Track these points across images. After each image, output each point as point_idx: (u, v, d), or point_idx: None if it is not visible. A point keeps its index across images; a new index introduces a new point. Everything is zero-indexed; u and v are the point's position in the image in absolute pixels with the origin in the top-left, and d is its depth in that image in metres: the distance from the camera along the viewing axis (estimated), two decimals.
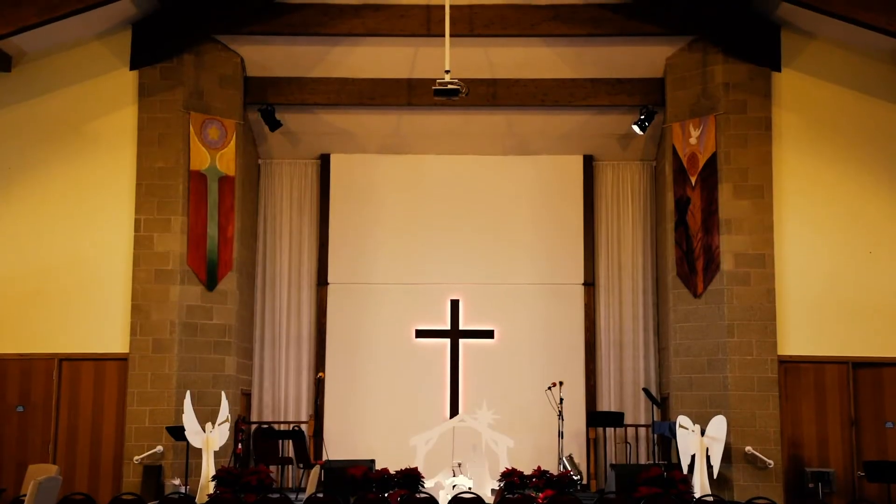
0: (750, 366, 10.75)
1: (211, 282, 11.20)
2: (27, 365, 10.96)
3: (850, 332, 10.78)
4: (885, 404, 10.79)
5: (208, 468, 9.41)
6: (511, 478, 9.14)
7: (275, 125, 11.87)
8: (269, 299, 12.55)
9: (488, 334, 12.46)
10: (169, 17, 11.05)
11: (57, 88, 11.15)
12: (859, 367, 10.81)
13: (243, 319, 11.81)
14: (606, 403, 12.33)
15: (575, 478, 9.41)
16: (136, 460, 10.66)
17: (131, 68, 11.14)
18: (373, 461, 9.75)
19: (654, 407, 11.56)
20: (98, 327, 10.94)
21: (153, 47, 11.12)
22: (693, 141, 11.28)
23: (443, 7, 10.57)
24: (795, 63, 11.03)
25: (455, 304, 12.51)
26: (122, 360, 10.91)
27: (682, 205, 11.35)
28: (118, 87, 11.15)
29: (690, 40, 11.34)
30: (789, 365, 10.85)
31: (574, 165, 12.69)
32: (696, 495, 9.18)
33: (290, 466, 11.90)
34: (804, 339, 10.83)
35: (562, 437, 11.00)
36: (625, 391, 12.35)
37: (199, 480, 9.48)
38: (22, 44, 10.78)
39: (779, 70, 11.02)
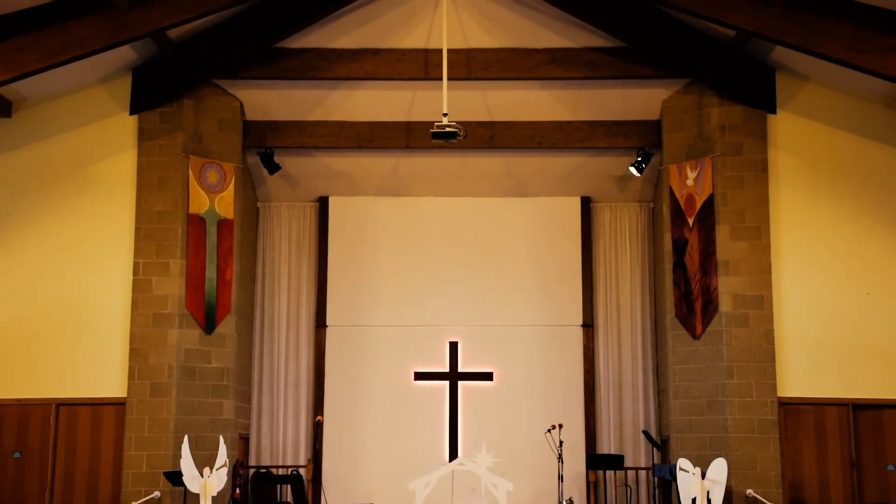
0: (750, 408, 10.71)
1: (209, 325, 11.19)
2: (24, 410, 10.90)
3: (850, 373, 10.74)
4: (886, 446, 10.73)
5: None
6: None
7: (273, 168, 11.93)
8: (267, 342, 12.53)
9: (487, 376, 12.43)
10: (169, 63, 11.14)
11: (57, 133, 11.21)
12: (859, 409, 10.76)
13: (242, 363, 11.78)
14: (606, 446, 12.27)
15: None
16: None
17: (131, 113, 11.21)
18: None
19: (654, 449, 11.50)
20: (96, 371, 10.90)
21: (153, 92, 11.20)
22: (690, 182, 11.33)
23: (441, 51, 10.68)
24: (791, 105, 11.11)
25: (454, 347, 12.49)
26: (119, 404, 10.85)
27: (679, 246, 11.37)
28: (118, 131, 11.22)
29: (686, 83, 11.42)
30: (789, 407, 10.81)
31: (572, 207, 12.73)
32: None
33: None
34: (804, 381, 10.79)
35: (562, 481, 10.91)
36: (624, 433, 12.29)
37: None
38: (23, 89, 10.87)
39: (774, 112, 11.10)
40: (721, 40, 10.93)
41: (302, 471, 11.93)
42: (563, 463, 10.82)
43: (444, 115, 10.35)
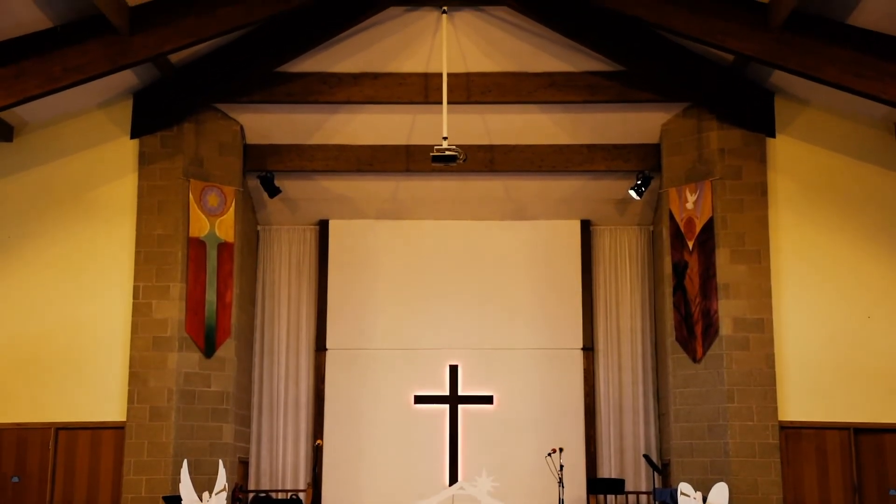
0: (751, 431, 10.68)
1: (209, 349, 11.18)
2: (23, 434, 10.87)
3: (851, 397, 10.72)
4: (887, 471, 10.69)
5: None
6: None
7: (274, 192, 11.95)
8: (267, 365, 12.51)
9: (487, 400, 12.41)
10: (169, 87, 11.18)
11: (58, 157, 11.24)
12: (861, 433, 10.73)
13: (241, 386, 11.76)
14: (607, 470, 12.23)
15: None
16: None
17: (132, 137, 11.24)
18: None
19: (655, 473, 11.46)
20: (95, 395, 10.88)
21: (154, 116, 11.23)
22: (689, 206, 11.35)
23: (440, 75, 10.74)
24: (790, 129, 11.14)
25: (454, 370, 12.47)
26: (118, 428, 10.82)
27: (679, 269, 11.38)
28: (119, 155, 11.24)
29: (685, 107, 11.46)
30: (790, 431, 10.78)
31: (572, 230, 12.74)
32: None
33: None
34: (805, 405, 10.77)
35: None
36: (625, 457, 12.25)
37: None
38: (24, 114, 10.90)
39: (773, 136, 11.13)
40: (720, 64, 10.97)
41: (301, 495, 11.86)
42: (563, 487, 10.78)
43: (444, 138, 10.40)
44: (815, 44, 9.64)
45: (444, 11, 10.73)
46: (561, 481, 10.87)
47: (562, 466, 10.77)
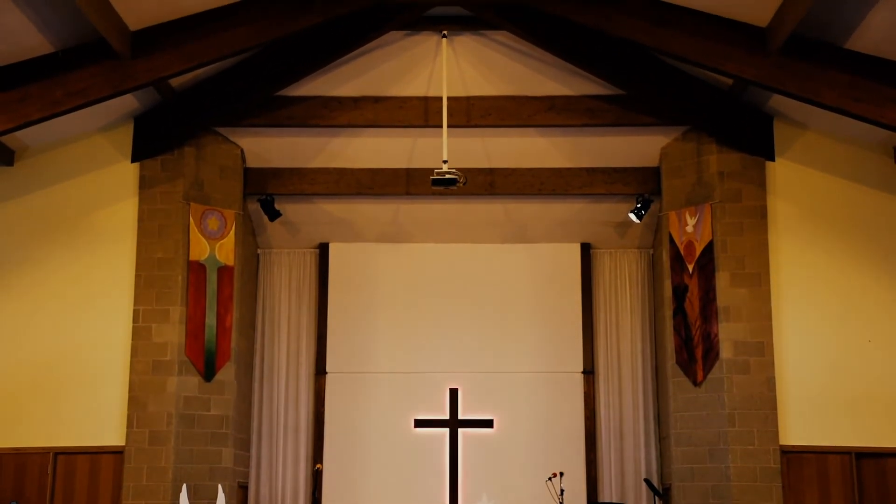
0: (752, 456, 10.64)
1: (209, 372, 11.16)
2: (21, 459, 10.82)
3: (853, 421, 10.69)
4: (890, 495, 10.63)
5: None
6: None
7: (274, 215, 11.96)
8: (266, 389, 12.48)
9: (487, 423, 12.37)
10: (170, 111, 11.22)
11: (59, 182, 11.25)
12: (863, 458, 10.67)
13: (241, 410, 11.73)
14: (608, 494, 12.17)
15: None
16: None
17: (133, 160, 11.26)
18: None
19: (656, 498, 11.42)
20: (94, 420, 10.84)
21: (155, 140, 11.26)
22: (689, 229, 11.36)
23: (441, 99, 10.77)
24: (789, 153, 11.16)
25: (454, 393, 12.44)
26: (117, 452, 10.77)
27: (679, 292, 11.37)
28: (119, 179, 11.25)
29: (685, 130, 11.49)
30: (792, 455, 10.73)
31: (572, 253, 12.74)
32: None
33: None
34: (806, 429, 10.73)
35: None
36: (626, 481, 12.20)
37: None
38: (25, 138, 10.93)
39: (772, 159, 11.15)
40: (719, 88, 11.01)
41: None
42: None
43: (445, 161, 10.42)
44: (813, 68, 9.67)
45: (445, 36, 10.78)
46: None
47: (562, 491, 10.73)
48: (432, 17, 10.67)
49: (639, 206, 11.81)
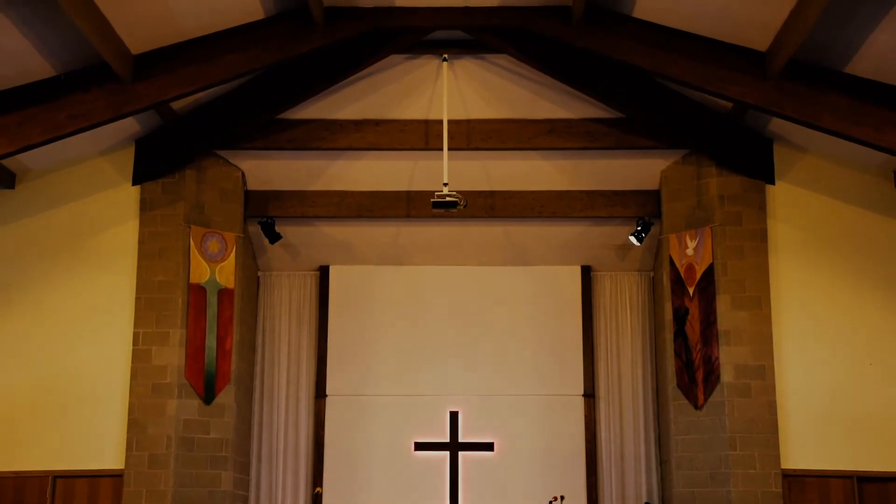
0: (754, 480, 10.60)
1: (209, 395, 11.13)
2: (20, 482, 10.77)
3: (855, 445, 10.65)
4: None
5: None
6: None
7: (275, 238, 11.97)
8: (266, 412, 12.45)
9: (488, 447, 12.32)
10: (171, 134, 11.25)
11: (60, 205, 11.27)
12: (865, 482, 10.63)
13: (241, 433, 11.68)
14: None
15: None
16: None
17: (134, 183, 11.28)
18: None
19: None
20: (94, 443, 10.80)
21: (156, 163, 11.29)
22: (690, 252, 11.36)
23: (441, 122, 10.80)
24: (789, 176, 11.19)
25: (454, 416, 12.41)
26: (117, 476, 10.73)
27: (680, 315, 11.36)
28: (120, 202, 11.27)
29: (685, 153, 11.52)
30: (793, 479, 10.69)
31: (572, 276, 12.73)
32: None
33: None
34: (808, 453, 10.70)
35: None
36: None
37: None
38: (26, 161, 10.95)
39: (772, 183, 11.17)
40: (719, 112, 11.04)
41: None
42: None
43: (445, 184, 10.44)
44: (812, 92, 9.70)
45: (445, 59, 10.82)
46: None
47: None
48: (433, 41, 10.71)
49: (639, 228, 11.82)
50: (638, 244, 11.92)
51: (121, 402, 10.90)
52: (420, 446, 12.35)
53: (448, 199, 10.29)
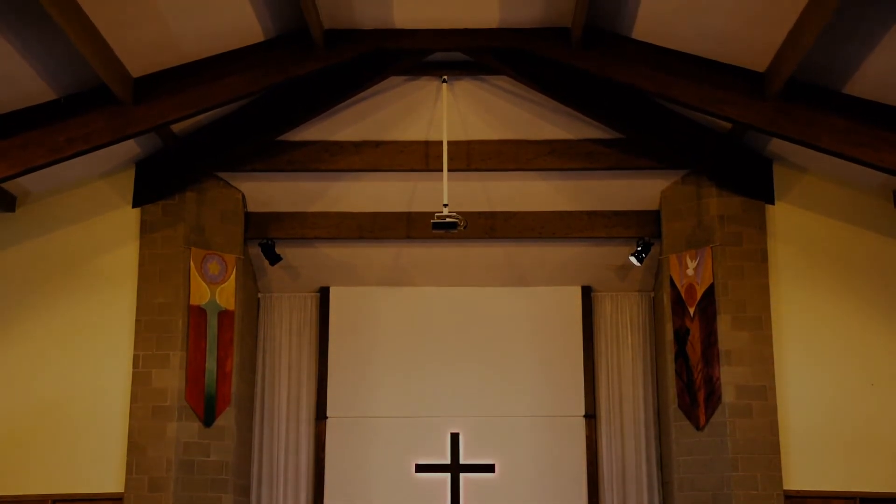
0: (756, 501, 10.54)
1: (209, 418, 11.10)
2: None
3: (857, 465, 10.61)
4: None
5: None
6: None
7: (275, 259, 11.96)
8: (267, 434, 12.41)
9: (489, 468, 12.28)
10: (172, 156, 11.26)
11: (60, 227, 11.27)
12: (867, 503, 10.57)
13: (241, 456, 11.65)
14: None
15: None
16: None
17: (134, 206, 11.29)
18: None
19: None
20: (93, 466, 10.76)
21: (156, 185, 11.30)
22: (690, 272, 11.35)
23: (441, 143, 10.82)
24: (789, 196, 11.19)
25: (455, 438, 12.36)
26: (117, 499, 10.67)
27: (681, 336, 11.35)
28: (120, 224, 11.28)
29: (684, 174, 11.52)
30: (796, 500, 10.63)
31: (573, 296, 12.72)
32: None
33: None
34: (810, 473, 10.65)
35: None
36: None
37: None
38: (27, 184, 10.96)
39: (772, 203, 11.18)
40: (718, 132, 11.06)
41: None
42: None
43: (445, 205, 10.45)
44: (812, 112, 9.70)
45: (445, 80, 10.84)
46: None
47: None
48: (432, 63, 10.73)
49: (639, 249, 11.81)
50: (638, 264, 11.92)
51: (121, 425, 10.87)
52: (421, 468, 12.30)
53: (448, 220, 10.30)
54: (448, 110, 10.85)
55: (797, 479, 10.65)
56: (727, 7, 9.00)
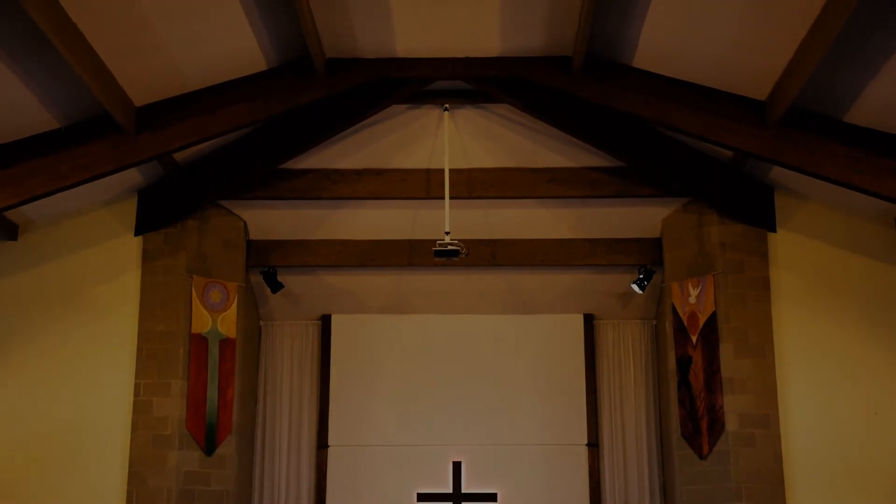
0: None
1: (210, 446, 11.05)
2: None
3: (861, 495, 10.53)
4: None
5: None
6: None
7: (276, 287, 11.96)
8: (268, 463, 12.34)
9: (491, 497, 12.20)
10: (174, 184, 11.29)
11: (62, 256, 11.26)
12: None
13: (242, 484, 11.59)
14: None
15: None
16: None
17: (136, 234, 11.30)
18: None
19: None
20: (93, 495, 10.68)
21: (158, 213, 11.31)
22: (692, 300, 11.33)
23: (443, 171, 10.83)
24: (790, 224, 11.19)
25: (457, 467, 12.30)
26: None
27: (683, 364, 11.31)
28: (122, 253, 11.28)
29: (686, 202, 11.53)
30: None
31: (575, 324, 12.69)
32: None
33: None
34: (814, 502, 10.59)
35: None
36: None
37: None
38: (29, 212, 10.98)
39: (774, 231, 11.17)
40: (720, 160, 11.07)
41: None
42: None
43: (447, 233, 10.45)
44: (813, 140, 9.72)
45: (446, 109, 10.88)
46: None
47: None
48: (434, 91, 10.77)
49: (641, 276, 11.80)
50: (640, 292, 11.90)
51: (121, 454, 10.81)
52: (423, 497, 12.22)
53: (450, 247, 10.29)
54: (450, 138, 10.89)
55: None
56: (727, 36, 9.04)
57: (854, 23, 7.92)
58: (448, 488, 12.26)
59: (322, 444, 12.43)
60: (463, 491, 12.24)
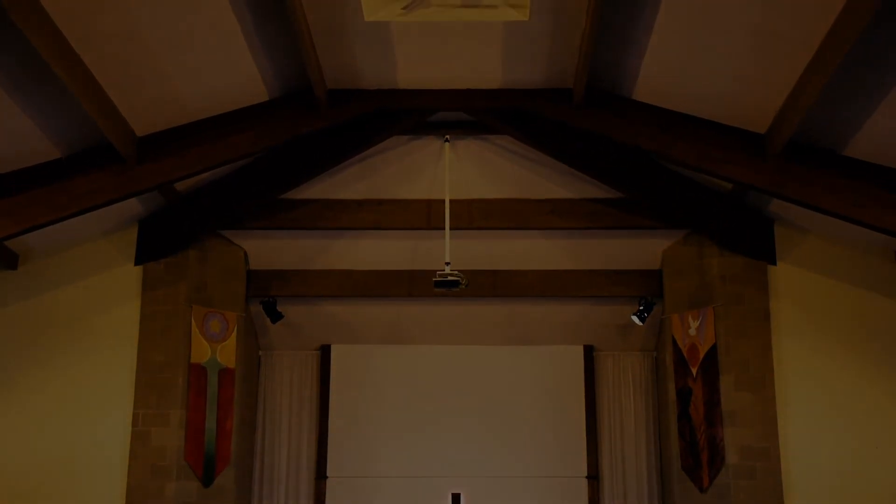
0: None
1: (207, 477, 10.99)
2: None
3: None
4: None
5: None
6: None
7: (276, 317, 11.94)
8: (266, 494, 12.27)
9: None
10: (175, 214, 11.30)
11: (62, 285, 11.26)
12: None
13: None
14: None
15: None
16: None
17: (136, 263, 11.30)
18: None
19: None
20: None
21: (158, 243, 11.31)
22: (692, 332, 11.31)
23: (443, 201, 10.85)
24: (791, 256, 11.19)
25: (456, 498, 12.23)
26: None
27: (683, 396, 11.27)
28: (122, 282, 11.27)
29: (686, 233, 11.54)
30: None
31: (575, 355, 12.66)
32: None
33: None
34: None
35: None
36: None
37: None
38: (29, 241, 10.97)
39: (774, 263, 11.17)
40: (720, 192, 11.09)
41: None
42: None
43: (447, 264, 10.45)
44: (812, 173, 9.73)
45: (447, 140, 10.92)
46: None
47: None
48: (435, 123, 10.82)
49: (641, 308, 11.79)
50: (640, 324, 11.89)
51: (119, 484, 10.76)
52: None
53: (450, 278, 10.29)
54: (450, 169, 10.91)
55: None
56: (727, 70, 9.08)
57: (852, 58, 7.97)
58: None
59: (321, 474, 12.36)
60: None
